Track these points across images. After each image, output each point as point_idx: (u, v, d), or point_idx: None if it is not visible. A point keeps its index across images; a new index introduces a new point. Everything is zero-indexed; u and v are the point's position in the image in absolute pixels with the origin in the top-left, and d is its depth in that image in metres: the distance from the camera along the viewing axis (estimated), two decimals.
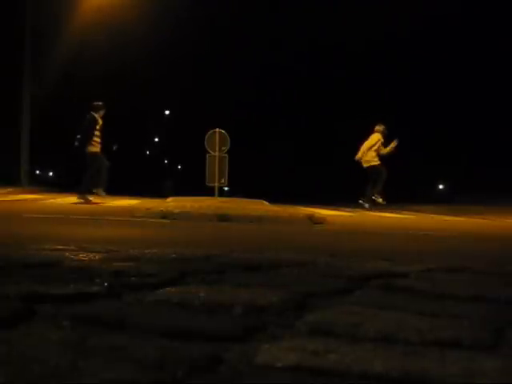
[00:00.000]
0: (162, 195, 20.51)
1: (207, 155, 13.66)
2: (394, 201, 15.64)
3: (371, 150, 13.75)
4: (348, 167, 14.31)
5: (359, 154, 13.86)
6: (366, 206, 13.52)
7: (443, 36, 36.85)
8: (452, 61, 37.08)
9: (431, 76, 38.23)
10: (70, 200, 11.46)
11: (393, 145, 13.80)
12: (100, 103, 11.50)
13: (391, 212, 12.24)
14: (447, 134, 37.19)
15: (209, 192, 13.84)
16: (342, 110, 39.24)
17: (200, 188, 14.91)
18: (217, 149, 13.50)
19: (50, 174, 51.99)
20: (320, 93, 42.19)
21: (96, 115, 11.36)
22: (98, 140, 11.39)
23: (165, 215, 7.38)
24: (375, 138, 13.90)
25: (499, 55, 33.71)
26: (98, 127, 11.38)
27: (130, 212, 8.21)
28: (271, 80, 44.68)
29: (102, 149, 11.46)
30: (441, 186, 46.09)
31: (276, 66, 43.53)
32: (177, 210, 7.68)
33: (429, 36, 36.72)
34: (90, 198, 11.14)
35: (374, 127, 14.16)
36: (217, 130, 13.62)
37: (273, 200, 13.50)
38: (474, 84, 35.61)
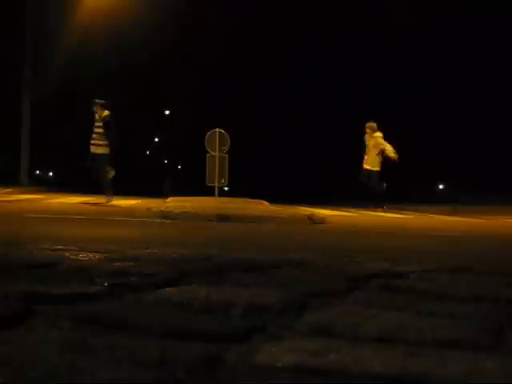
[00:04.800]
0: (162, 195, 20.52)
1: (207, 155, 13.66)
2: (394, 201, 15.63)
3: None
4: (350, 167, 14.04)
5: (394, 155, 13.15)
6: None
7: (442, 35, 36.85)
8: (453, 61, 37.08)
9: (431, 75, 38.24)
10: (70, 200, 11.46)
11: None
12: (93, 100, 11.20)
13: (391, 212, 12.24)
14: (447, 134, 37.19)
15: (209, 192, 13.83)
16: (341, 110, 39.25)
17: (200, 188, 14.90)
18: (217, 149, 13.49)
19: (50, 174, 51.96)
20: (320, 92, 42.21)
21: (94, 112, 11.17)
22: (92, 138, 11.11)
23: (165, 215, 7.37)
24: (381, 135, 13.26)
25: (500, 55, 33.71)
26: (96, 125, 11.14)
27: (129, 212, 8.22)
28: (271, 79, 44.69)
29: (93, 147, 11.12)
30: (441, 186, 46.08)
31: (276, 65, 43.54)
32: (177, 210, 7.68)
33: (428, 35, 36.72)
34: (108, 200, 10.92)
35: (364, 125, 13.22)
36: (217, 129, 13.61)
37: (273, 200, 13.50)
38: (473, 83, 35.61)
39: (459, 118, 36.67)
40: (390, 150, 13.12)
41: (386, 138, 13.31)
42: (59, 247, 2.69)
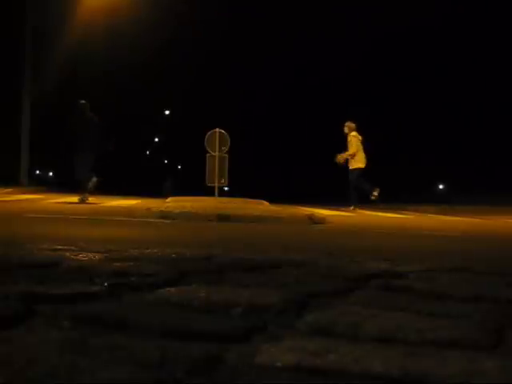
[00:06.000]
0: (162, 195, 20.53)
1: (207, 155, 13.65)
2: (394, 201, 15.62)
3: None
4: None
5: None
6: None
7: (441, 35, 36.85)
8: (452, 61, 37.10)
9: (431, 75, 38.25)
10: (70, 200, 11.46)
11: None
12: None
13: (391, 212, 12.24)
14: (447, 134, 37.21)
15: (209, 192, 13.83)
16: (342, 110, 39.20)
17: (200, 188, 14.91)
18: (217, 149, 13.49)
19: (50, 174, 51.94)
20: (320, 92, 42.22)
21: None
22: None
23: (165, 215, 7.37)
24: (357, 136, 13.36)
25: (500, 54, 33.72)
26: None
27: (129, 212, 8.22)
28: (271, 79, 44.70)
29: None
30: (441, 186, 46.07)
31: (276, 64, 43.56)
32: (177, 210, 7.68)
33: (427, 35, 36.72)
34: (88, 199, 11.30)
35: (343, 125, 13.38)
36: (217, 129, 13.60)
37: (273, 200, 13.50)
38: (474, 83, 35.63)
39: (459, 118, 36.68)
40: (348, 152, 13.14)
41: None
42: (59, 247, 2.69)
